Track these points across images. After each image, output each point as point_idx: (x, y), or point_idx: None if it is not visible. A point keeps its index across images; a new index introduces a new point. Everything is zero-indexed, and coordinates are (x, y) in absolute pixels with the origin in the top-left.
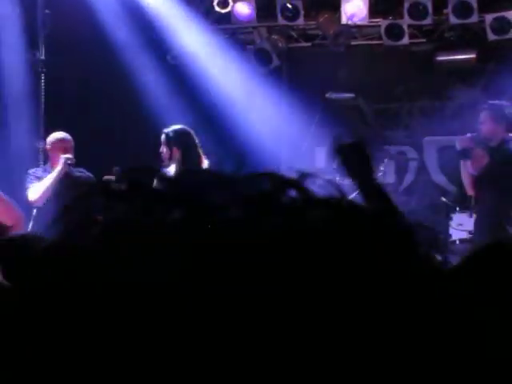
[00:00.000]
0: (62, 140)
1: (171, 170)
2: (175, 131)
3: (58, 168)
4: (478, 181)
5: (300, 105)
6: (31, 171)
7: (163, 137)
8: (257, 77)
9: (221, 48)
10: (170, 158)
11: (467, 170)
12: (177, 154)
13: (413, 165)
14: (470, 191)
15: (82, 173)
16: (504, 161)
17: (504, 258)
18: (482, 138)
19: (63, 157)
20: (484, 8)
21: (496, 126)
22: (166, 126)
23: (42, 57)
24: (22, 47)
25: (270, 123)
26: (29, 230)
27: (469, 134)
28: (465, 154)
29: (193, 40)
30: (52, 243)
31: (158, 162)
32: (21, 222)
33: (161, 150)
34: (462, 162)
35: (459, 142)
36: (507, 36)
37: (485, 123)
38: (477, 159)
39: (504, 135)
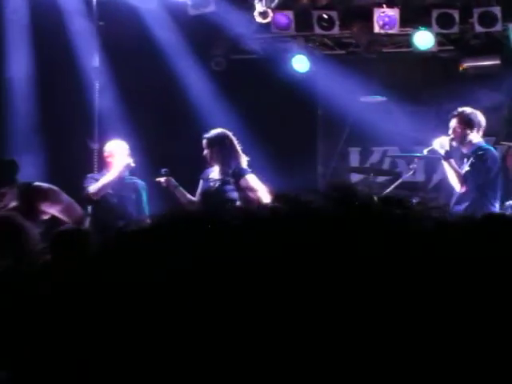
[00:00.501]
0: (120, 147)
1: (215, 170)
2: (214, 135)
3: (120, 169)
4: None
5: (335, 107)
6: (90, 175)
7: (204, 141)
8: (294, 82)
9: (261, 55)
10: (212, 159)
11: (454, 168)
12: (218, 155)
13: (441, 164)
14: (459, 188)
15: (133, 179)
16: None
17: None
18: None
19: (126, 160)
20: (508, 17)
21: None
22: (211, 128)
23: (97, 65)
24: (78, 56)
25: (306, 124)
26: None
27: (445, 136)
28: (448, 154)
29: (234, 48)
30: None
31: (205, 164)
32: (82, 220)
33: (204, 153)
34: (446, 163)
35: (440, 144)
36: None
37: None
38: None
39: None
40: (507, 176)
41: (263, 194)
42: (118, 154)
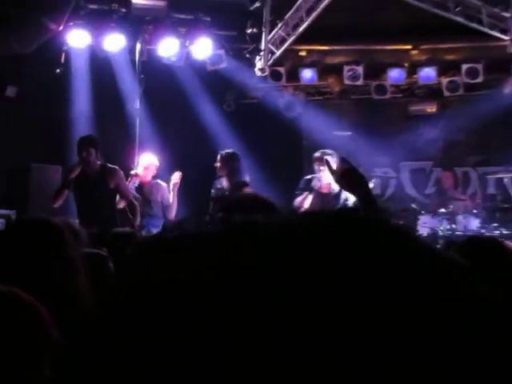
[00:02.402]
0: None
1: (223, 181)
2: (226, 153)
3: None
4: None
5: (316, 139)
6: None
7: (218, 156)
8: (287, 120)
9: (261, 100)
10: (221, 171)
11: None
12: (226, 169)
13: (392, 182)
14: None
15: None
16: None
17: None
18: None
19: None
20: (441, 74)
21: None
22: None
23: (138, 107)
24: (125, 100)
25: (294, 152)
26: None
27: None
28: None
29: (241, 94)
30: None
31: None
32: None
33: (216, 164)
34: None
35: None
36: (457, 93)
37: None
38: None
39: None
40: (444, 191)
41: None
42: (152, 170)
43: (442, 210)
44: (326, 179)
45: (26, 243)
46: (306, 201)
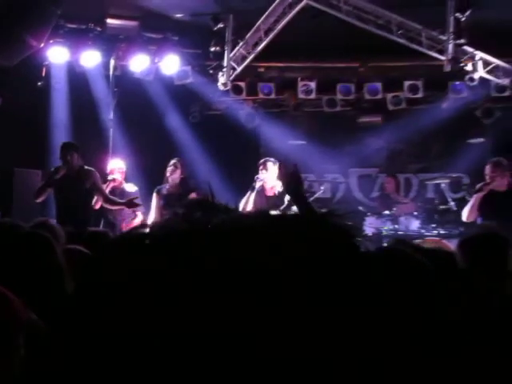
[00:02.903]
0: (118, 164)
1: (171, 184)
2: (178, 160)
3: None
4: None
5: (272, 147)
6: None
7: (174, 161)
8: (247, 131)
9: (224, 111)
10: (172, 176)
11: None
12: (182, 174)
13: (342, 186)
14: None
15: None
16: None
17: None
18: None
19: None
20: (386, 89)
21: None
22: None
23: (111, 117)
24: (100, 111)
25: (252, 159)
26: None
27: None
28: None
29: (205, 106)
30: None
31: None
32: None
33: (170, 169)
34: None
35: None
36: (400, 107)
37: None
38: None
39: None
40: (387, 195)
41: None
42: (117, 170)
43: (386, 212)
44: (269, 182)
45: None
46: (249, 201)
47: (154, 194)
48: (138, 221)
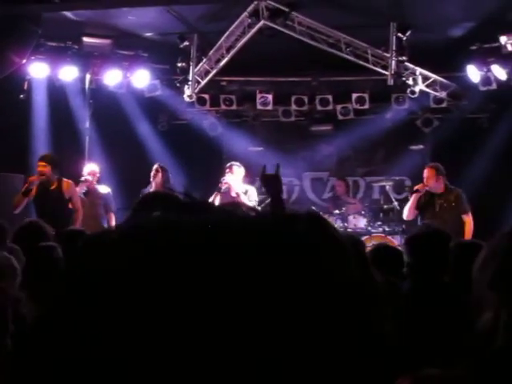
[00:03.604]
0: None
1: (150, 189)
2: (160, 165)
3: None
4: None
5: (233, 154)
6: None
7: (156, 166)
8: (210, 138)
9: (189, 121)
10: (157, 180)
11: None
12: (162, 178)
13: (297, 188)
14: None
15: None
16: None
17: None
18: None
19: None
20: (336, 101)
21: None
22: (157, 162)
23: (87, 126)
24: (77, 121)
25: (216, 164)
26: None
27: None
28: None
29: (173, 116)
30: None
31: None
32: None
33: (152, 173)
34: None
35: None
36: (349, 117)
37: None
38: None
39: None
40: (337, 196)
41: None
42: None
43: (336, 212)
44: (234, 184)
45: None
46: (214, 201)
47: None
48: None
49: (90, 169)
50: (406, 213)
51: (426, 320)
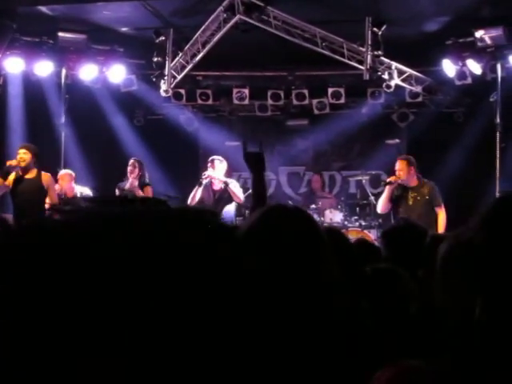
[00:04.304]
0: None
1: (127, 183)
2: (136, 159)
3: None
4: None
5: (210, 148)
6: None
7: (132, 161)
8: (186, 133)
9: (165, 116)
10: (133, 175)
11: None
12: (137, 172)
13: (273, 182)
14: None
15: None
16: None
17: None
18: None
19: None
20: (312, 95)
21: None
22: (134, 156)
23: (63, 121)
24: (53, 116)
25: (192, 158)
26: None
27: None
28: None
29: (149, 111)
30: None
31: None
32: None
33: (128, 168)
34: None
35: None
36: (324, 111)
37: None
38: None
39: None
40: (313, 191)
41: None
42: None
43: (313, 206)
44: (217, 176)
45: None
46: (196, 194)
47: (116, 190)
48: None
49: (63, 173)
50: (380, 205)
51: (398, 313)
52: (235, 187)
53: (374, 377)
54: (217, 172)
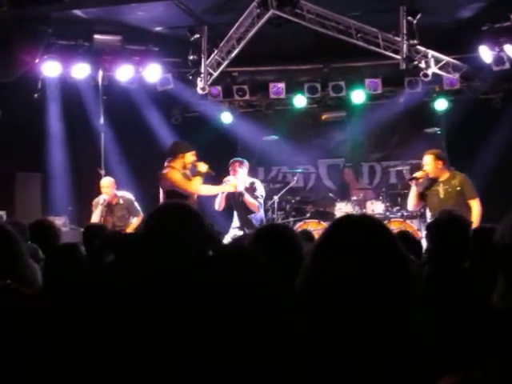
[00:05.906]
0: (108, 182)
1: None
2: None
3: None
4: None
5: (248, 144)
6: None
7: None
8: (224, 129)
9: (203, 113)
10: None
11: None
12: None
13: (313, 176)
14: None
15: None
16: None
17: None
18: None
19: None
20: (348, 87)
21: None
22: None
23: (102, 123)
24: (91, 118)
25: (231, 155)
26: None
27: None
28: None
29: (186, 109)
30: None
31: None
32: None
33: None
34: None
35: None
36: (362, 102)
37: None
38: None
39: None
40: (346, 187)
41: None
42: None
43: (354, 198)
44: (238, 184)
45: None
46: (222, 201)
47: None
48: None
49: (104, 183)
50: (411, 203)
51: (446, 307)
52: (256, 189)
53: None
54: (238, 178)
